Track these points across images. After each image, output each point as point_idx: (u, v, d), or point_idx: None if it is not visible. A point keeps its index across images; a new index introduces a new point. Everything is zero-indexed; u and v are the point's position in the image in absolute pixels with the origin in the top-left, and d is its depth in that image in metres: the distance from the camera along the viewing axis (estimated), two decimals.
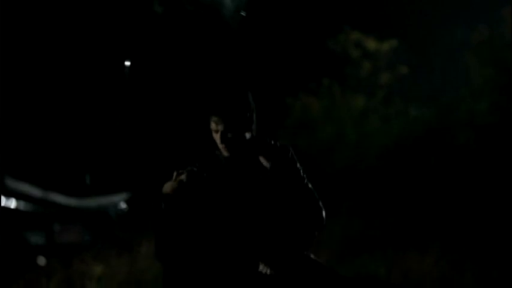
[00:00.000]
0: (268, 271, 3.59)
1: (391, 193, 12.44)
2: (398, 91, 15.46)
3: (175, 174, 3.65)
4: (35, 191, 8.98)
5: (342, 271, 8.78)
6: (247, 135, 3.74)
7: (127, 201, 10.30)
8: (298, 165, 3.86)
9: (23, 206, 8.77)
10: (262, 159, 3.71)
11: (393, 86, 15.65)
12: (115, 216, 9.97)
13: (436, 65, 16.60)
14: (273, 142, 3.85)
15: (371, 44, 15.73)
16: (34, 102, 13.20)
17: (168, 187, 3.63)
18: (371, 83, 15.73)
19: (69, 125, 13.34)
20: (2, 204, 8.06)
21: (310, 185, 3.82)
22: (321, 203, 3.79)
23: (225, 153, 3.73)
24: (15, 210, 8.55)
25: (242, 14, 4.46)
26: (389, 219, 11.46)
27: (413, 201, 11.98)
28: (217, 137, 3.71)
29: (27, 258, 8.44)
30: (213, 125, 3.71)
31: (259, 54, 15.25)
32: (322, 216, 3.77)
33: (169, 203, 3.60)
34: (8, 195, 8.51)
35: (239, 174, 3.72)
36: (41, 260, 8.45)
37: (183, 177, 3.62)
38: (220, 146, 3.71)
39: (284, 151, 3.84)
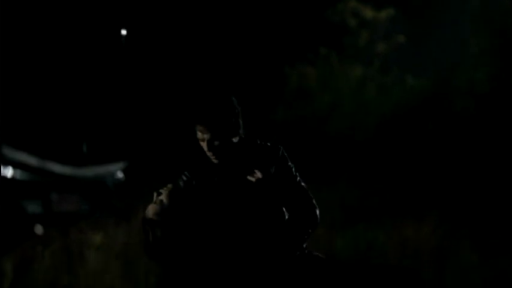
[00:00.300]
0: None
1: (389, 162, 12.45)
2: (396, 60, 15.43)
3: (155, 195, 3.63)
4: (31, 160, 8.96)
5: (340, 240, 8.82)
6: (235, 139, 3.72)
7: (124, 171, 10.28)
8: (289, 163, 3.84)
9: (19, 175, 8.73)
10: (257, 172, 3.70)
11: (390, 55, 15.61)
12: (112, 185, 9.95)
13: (433, 34, 16.53)
14: (263, 143, 3.83)
15: (368, 13, 15.68)
16: (31, 71, 13.17)
17: (150, 211, 3.60)
18: (368, 52, 15.69)
19: (66, 93, 13.31)
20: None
21: (303, 183, 3.81)
22: (314, 201, 3.78)
23: (214, 161, 3.72)
24: (12, 179, 8.51)
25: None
26: (387, 188, 11.48)
27: (411, 170, 12.00)
28: (204, 145, 3.70)
29: (24, 227, 8.42)
30: (199, 134, 3.70)
31: (257, 24, 15.19)
32: (316, 215, 3.77)
33: (154, 226, 3.57)
34: (5, 164, 8.47)
35: (230, 180, 3.72)
36: (39, 229, 8.42)
37: (163, 197, 3.60)
38: (208, 153, 3.70)
39: (275, 151, 3.83)
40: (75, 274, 7.89)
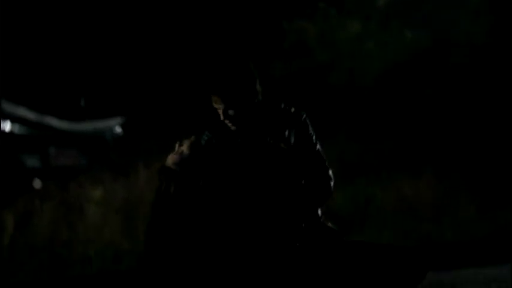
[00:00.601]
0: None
1: (387, 117, 12.45)
2: (395, 14, 15.35)
3: (177, 145, 3.60)
4: (30, 115, 8.96)
5: (339, 196, 8.83)
6: (252, 106, 3.68)
7: (123, 126, 10.28)
8: (310, 131, 3.81)
9: (18, 129, 8.75)
10: (282, 145, 3.69)
11: (390, 10, 15.53)
12: (111, 140, 9.96)
13: None
14: (287, 107, 3.80)
15: None
16: (30, 26, 13.10)
17: (169, 160, 3.57)
18: (368, 6, 15.60)
19: (65, 48, 13.25)
20: None
21: (321, 152, 3.79)
22: (330, 172, 3.76)
23: (232, 128, 3.69)
24: (11, 133, 8.53)
25: None
26: (385, 143, 11.49)
27: (409, 125, 12.00)
28: (220, 113, 3.68)
29: (23, 181, 8.45)
30: (214, 103, 3.67)
31: None
32: (330, 186, 3.75)
33: (170, 176, 3.53)
34: (4, 119, 8.49)
35: (248, 143, 3.70)
36: (37, 183, 8.47)
37: (184, 148, 3.56)
38: (225, 121, 3.68)
39: (296, 116, 3.79)
40: (74, 228, 7.93)
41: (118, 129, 10.12)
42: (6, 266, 7.29)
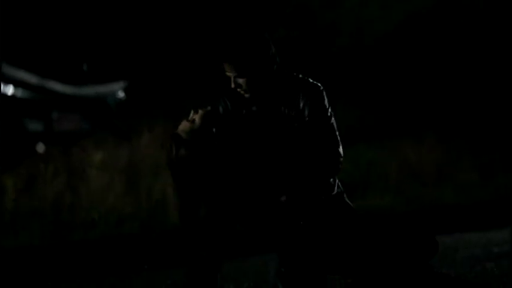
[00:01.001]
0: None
1: (388, 81, 12.43)
2: None
3: (192, 112, 3.62)
4: (32, 79, 8.95)
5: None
6: (265, 76, 3.67)
7: (125, 90, 10.27)
8: (326, 104, 3.80)
9: (20, 93, 8.75)
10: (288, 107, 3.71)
11: None
12: (113, 104, 9.96)
13: None
14: (304, 78, 3.79)
15: None
16: None
17: (181, 126, 3.59)
18: None
19: (68, 10, 13.20)
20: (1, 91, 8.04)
21: (335, 128, 3.78)
22: (341, 149, 3.75)
23: (246, 95, 3.69)
24: (13, 97, 8.53)
25: None
26: (386, 108, 11.49)
27: (410, 89, 11.98)
28: (231, 81, 3.68)
29: (26, 145, 8.47)
30: (226, 71, 3.67)
31: None
32: (339, 162, 3.74)
33: (180, 143, 3.56)
34: (6, 82, 8.48)
35: (262, 113, 3.71)
36: (40, 147, 8.48)
37: (197, 117, 3.58)
38: (237, 90, 3.68)
39: (313, 88, 3.78)
40: (77, 193, 7.96)
41: (121, 94, 10.11)
42: (9, 230, 7.33)
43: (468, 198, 8.47)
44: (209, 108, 3.63)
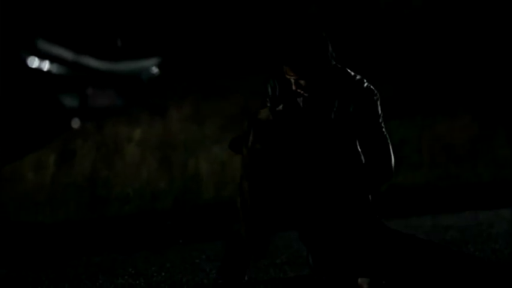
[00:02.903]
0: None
1: (421, 56, 12.34)
2: None
3: (267, 101, 3.68)
4: (67, 54, 8.99)
5: None
6: (323, 76, 3.67)
7: (159, 66, 10.30)
8: (379, 111, 3.80)
9: (56, 69, 8.79)
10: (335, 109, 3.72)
11: None
12: (147, 80, 9.98)
13: None
14: (361, 79, 3.78)
15: None
16: None
17: (263, 114, 3.64)
18: None
19: None
20: (35, 66, 8.09)
21: (385, 133, 3.77)
22: (392, 160, 3.74)
23: (305, 94, 3.71)
24: (48, 72, 8.57)
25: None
26: (419, 83, 11.42)
27: (443, 64, 11.90)
28: (292, 83, 3.69)
29: (61, 120, 8.52)
30: (286, 74, 3.68)
31: None
32: (391, 169, 3.73)
33: (259, 128, 3.60)
34: (41, 58, 8.52)
35: (317, 112, 3.72)
36: (76, 123, 8.53)
37: (280, 107, 3.63)
38: (298, 91, 3.69)
39: (369, 95, 3.77)
40: (112, 167, 8.02)
41: (155, 70, 10.14)
42: (47, 205, 7.40)
43: (503, 174, 8.43)
44: (281, 106, 3.67)
